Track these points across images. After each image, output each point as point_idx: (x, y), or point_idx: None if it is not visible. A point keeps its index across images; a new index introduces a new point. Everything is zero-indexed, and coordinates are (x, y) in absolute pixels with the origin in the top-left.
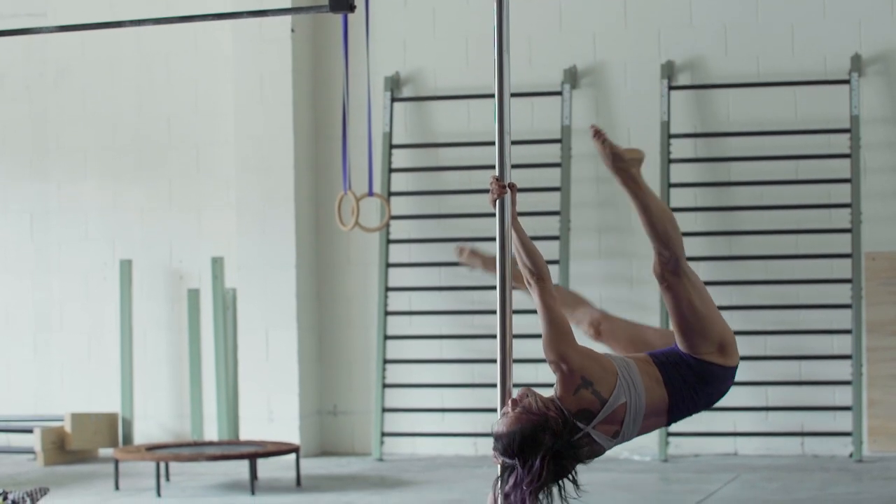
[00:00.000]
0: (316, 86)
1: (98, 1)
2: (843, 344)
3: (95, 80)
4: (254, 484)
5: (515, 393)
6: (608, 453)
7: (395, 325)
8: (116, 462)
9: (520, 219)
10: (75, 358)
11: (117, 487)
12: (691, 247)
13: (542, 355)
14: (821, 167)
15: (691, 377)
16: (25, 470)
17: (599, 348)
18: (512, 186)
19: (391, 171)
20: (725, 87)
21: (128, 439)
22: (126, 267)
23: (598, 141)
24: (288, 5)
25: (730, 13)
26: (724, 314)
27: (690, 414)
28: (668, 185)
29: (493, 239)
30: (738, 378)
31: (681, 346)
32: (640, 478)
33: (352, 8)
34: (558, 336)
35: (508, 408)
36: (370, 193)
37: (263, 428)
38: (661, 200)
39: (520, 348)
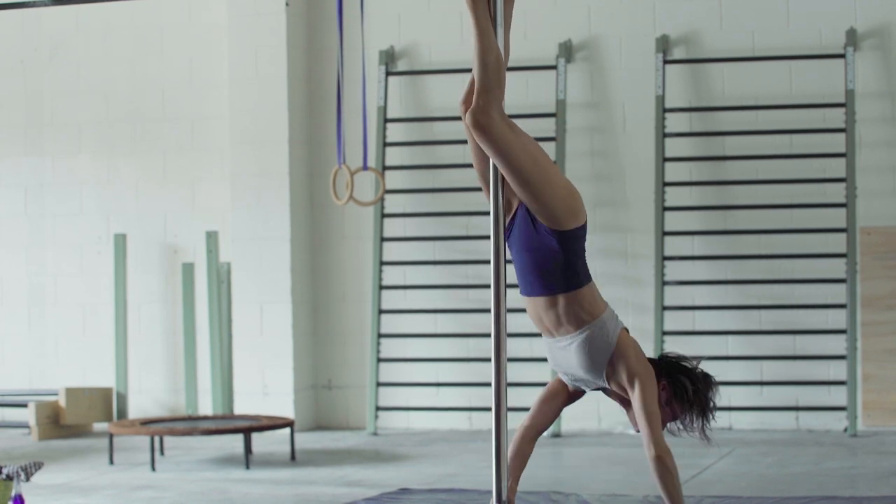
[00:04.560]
0: (310, 59)
1: None
2: (837, 318)
3: (89, 54)
4: (248, 458)
5: None
6: (604, 427)
7: (390, 300)
8: (111, 436)
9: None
10: (70, 332)
11: (112, 462)
12: (687, 221)
13: (535, 330)
14: (816, 141)
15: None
16: (20, 444)
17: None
18: None
19: (386, 145)
20: (720, 62)
21: (122, 414)
22: (120, 241)
23: None
24: None
25: None
26: (719, 289)
27: None
28: (663, 160)
29: (487, 213)
30: (733, 352)
31: (544, 221)
32: (636, 452)
33: None
34: None
35: None
36: (365, 167)
37: (258, 402)
38: (492, 40)
39: (514, 322)
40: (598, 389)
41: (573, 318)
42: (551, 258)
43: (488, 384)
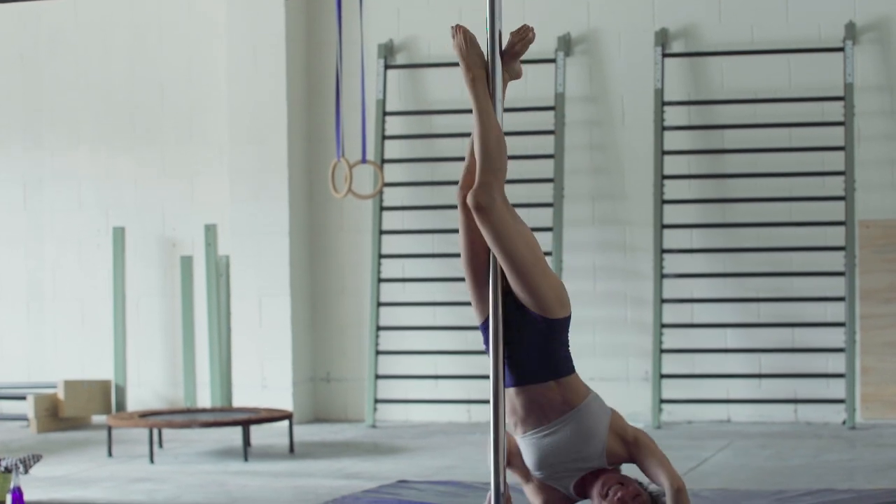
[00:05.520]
0: (309, 53)
1: None
2: (836, 311)
3: (88, 48)
4: (247, 450)
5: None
6: None
7: (389, 292)
8: (109, 429)
9: (513, 186)
10: (68, 325)
11: (110, 454)
12: (686, 214)
13: None
14: (814, 135)
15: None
16: (19, 437)
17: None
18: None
19: (384, 138)
20: (719, 55)
21: (121, 406)
22: (119, 234)
23: (522, 34)
24: None
25: None
26: (718, 281)
27: None
28: (662, 153)
29: None
30: (732, 345)
31: (531, 306)
32: None
33: None
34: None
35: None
36: (363, 160)
37: (256, 395)
38: (493, 120)
39: None
40: (581, 479)
41: (567, 401)
42: (544, 345)
43: (487, 377)
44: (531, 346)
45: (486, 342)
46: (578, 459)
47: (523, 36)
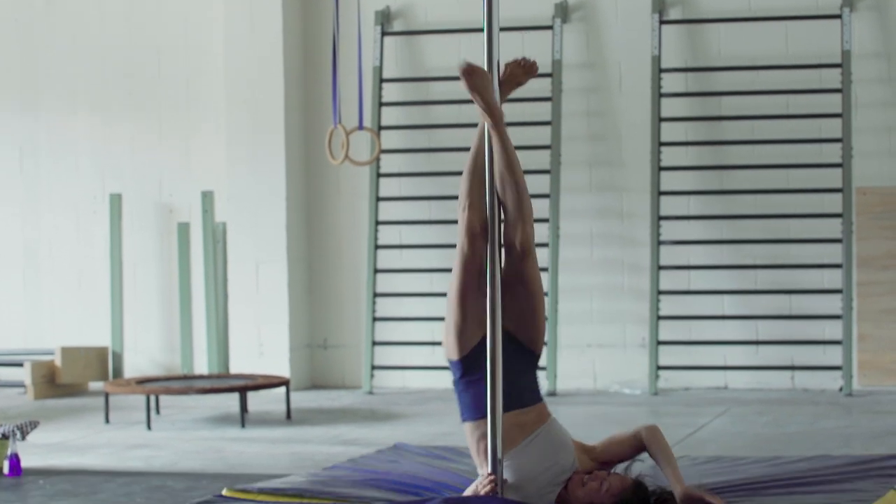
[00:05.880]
0: (306, 19)
1: None
2: (833, 278)
3: (85, 13)
4: (244, 417)
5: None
6: (599, 387)
7: (385, 259)
8: (107, 395)
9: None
10: (65, 292)
11: (107, 421)
12: (683, 181)
13: None
14: (812, 102)
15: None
16: (16, 404)
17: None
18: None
19: (381, 104)
20: (717, 22)
21: (118, 373)
22: (116, 201)
23: (527, 68)
24: None
25: None
26: (715, 248)
27: None
28: (659, 120)
29: None
30: (729, 312)
31: (527, 341)
32: (631, 411)
33: None
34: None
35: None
36: (360, 127)
37: (253, 361)
38: (517, 157)
39: None
40: (559, 495)
41: (540, 417)
42: (531, 375)
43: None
44: (520, 375)
45: (463, 377)
46: (557, 472)
47: (528, 69)
